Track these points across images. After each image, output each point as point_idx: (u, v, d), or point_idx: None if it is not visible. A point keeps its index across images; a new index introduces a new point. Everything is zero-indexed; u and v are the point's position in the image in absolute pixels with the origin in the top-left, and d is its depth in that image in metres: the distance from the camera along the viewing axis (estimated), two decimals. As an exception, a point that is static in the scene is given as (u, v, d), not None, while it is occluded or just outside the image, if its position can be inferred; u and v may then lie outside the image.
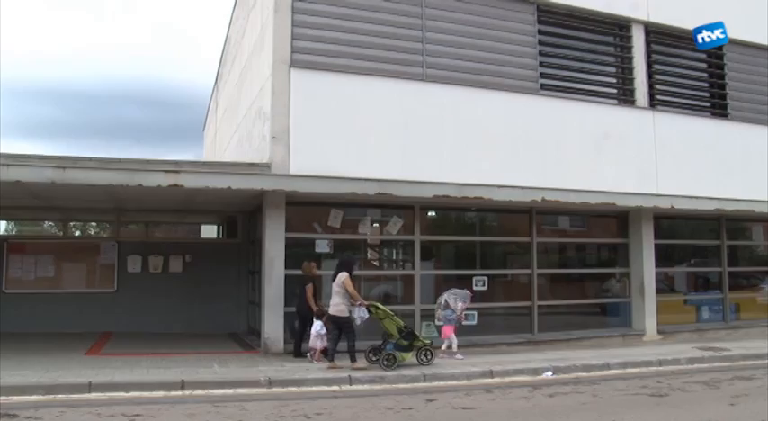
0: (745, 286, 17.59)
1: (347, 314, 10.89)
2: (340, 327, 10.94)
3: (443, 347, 12.06)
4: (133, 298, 15.24)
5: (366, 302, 11.16)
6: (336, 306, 10.85)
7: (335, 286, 10.97)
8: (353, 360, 10.69)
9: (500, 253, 15.03)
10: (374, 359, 10.88)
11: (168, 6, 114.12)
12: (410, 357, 11.02)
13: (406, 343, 10.98)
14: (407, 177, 12.30)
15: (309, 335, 11.30)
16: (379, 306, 11.21)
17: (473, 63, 13.41)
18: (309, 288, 11.76)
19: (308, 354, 11.35)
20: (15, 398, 8.25)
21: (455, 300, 12.08)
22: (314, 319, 11.37)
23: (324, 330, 11.20)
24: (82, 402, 8.24)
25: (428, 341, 11.47)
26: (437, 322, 12.55)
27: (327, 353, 10.91)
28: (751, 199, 15.35)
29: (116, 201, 13.81)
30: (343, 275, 10.94)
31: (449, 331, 12.21)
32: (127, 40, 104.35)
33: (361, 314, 11.03)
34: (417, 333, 11.70)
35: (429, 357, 11.18)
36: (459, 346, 12.25)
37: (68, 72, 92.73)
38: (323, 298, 13.29)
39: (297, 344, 11.76)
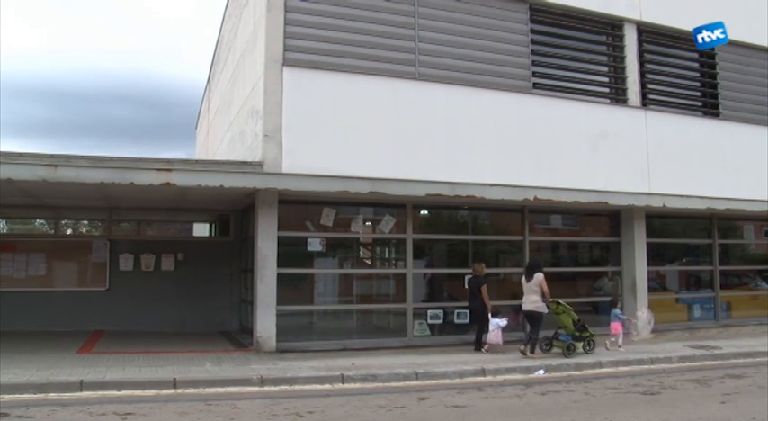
0: (736, 285, 17.68)
1: (544, 310, 12.29)
2: (531, 320, 12.40)
3: (611, 340, 13.30)
4: (125, 296, 15.18)
5: (551, 299, 12.33)
6: (534, 303, 12.29)
7: (532, 285, 12.30)
8: (533, 351, 12.09)
9: (492, 251, 15.03)
10: (546, 348, 12.42)
11: (161, 5, 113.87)
12: (580, 347, 12.43)
13: (578, 334, 12.46)
14: (400, 176, 12.30)
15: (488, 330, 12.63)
16: (561, 302, 12.56)
17: (466, 62, 13.42)
18: (484, 288, 12.82)
19: (483, 349, 12.60)
20: (6, 397, 8.22)
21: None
22: (490, 316, 12.58)
23: (504, 323, 12.51)
24: (73, 401, 8.23)
25: (593, 333, 12.76)
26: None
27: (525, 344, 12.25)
28: (742, 198, 15.42)
29: (108, 199, 13.77)
30: (540, 276, 12.30)
31: (617, 327, 13.33)
32: (120, 39, 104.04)
33: (543, 309, 12.39)
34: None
35: (592, 346, 12.65)
36: (453, 345, 12.91)
37: (61, 71, 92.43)
38: (316, 295, 13.35)
39: (478, 338, 12.89)
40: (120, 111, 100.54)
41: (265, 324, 11.76)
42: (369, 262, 14.65)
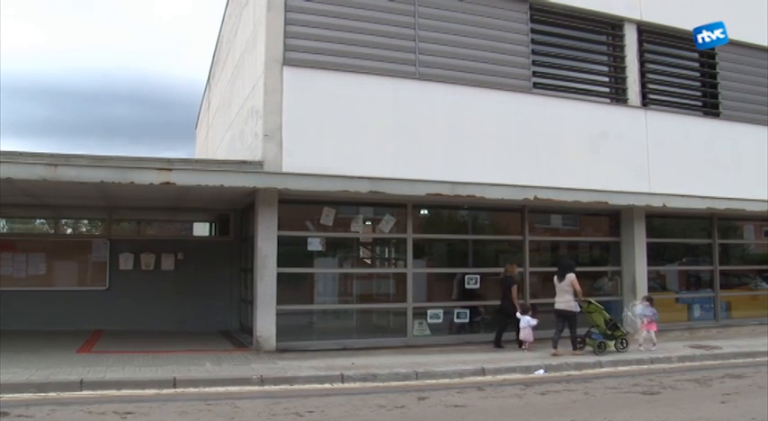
0: (736, 285, 17.68)
1: (576, 309, 12.57)
2: (566, 320, 12.59)
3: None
4: (125, 296, 15.17)
5: (583, 298, 12.70)
6: (566, 302, 12.55)
7: (564, 285, 12.58)
8: (575, 347, 12.51)
9: (492, 251, 15.04)
10: (579, 346, 12.63)
11: (161, 4, 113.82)
12: (612, 345, 12.71)
13: (610, 333, 12.76)
14: (400, 175, 12.31)
15: (519, 329, 12.98)
16: (592, 301, 12.99)
17: (466, 61, 13.43)
18: (515, 288, 13.24)
19: (523, 347, 12.91)
20: (6, 397, 8.21)
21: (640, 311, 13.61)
22: (520, 315, 12.90)
23: (534, 323, 12.78)
24: (73, 400, 8.23)
25: (625, 332, 13.11)
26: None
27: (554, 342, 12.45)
28: (742, 198, 15.42)
29: (108, 198, 13.77)
30: (572, 276, 12.56)
31: (651, 326, 13.40)
32: (120, 39, 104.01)
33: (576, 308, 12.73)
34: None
35: (625, 345, 12.93)
36: (453, 344, 13.00)
37: (60, 70, 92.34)
38: (316, 294, 13.35)
39: (498, 337, 13.20)
40: (120, 110, 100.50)
41: (265, 323, 11.77)
42: (369, 261, 14.66)
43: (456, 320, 13.61)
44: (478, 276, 13.77)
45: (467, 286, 13.73)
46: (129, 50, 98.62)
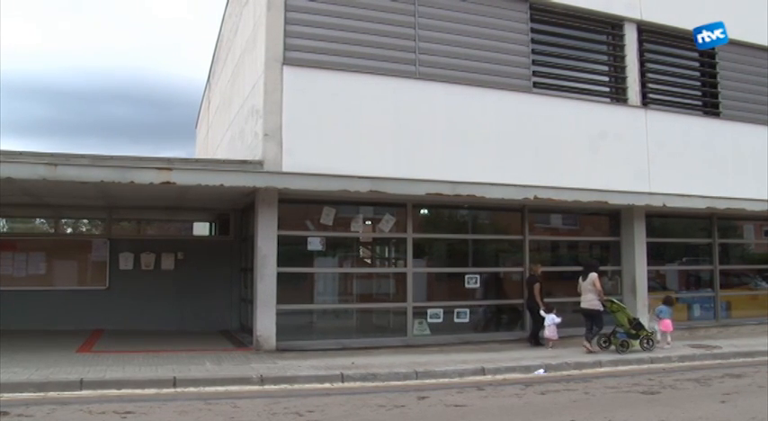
0: (736, 284, 17.67)
1: (600, 307, 12.75)
2: (591, 318, 12.82)
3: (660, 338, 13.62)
4: (125, 295, 15.15)
5: (605, 298, 12.87)
6: (590, 301, 12.83)
7: (587, 284, 12.90)
8: (589, 340, 12.60)
9: (492, 251, 15.05)
10: (604, 345, 12.84)
11: (161, 4, 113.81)
12: (636, 344, 12.82)
13: (634, 332, 12.87)
14: (400, 175, 12.31)
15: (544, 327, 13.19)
16: (614, 300, 13.20)
17: (466, 61, 13.44)
18: (537, 287, 13.37)
19: (547, 343, 13.10)
20: (6, 396, 8.21)
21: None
22: (544, 313, 13.13)
23: (559, 320, 13.06)
24: (73, 399, 8.23)
25: (651, 331, 13.24)
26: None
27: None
28: (742, 198, 15.43)
29: (108, 198, 13.76)
30: (594, 275, 12.90)
31: (668, 325, 13.60)
32: (119, 38, 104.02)
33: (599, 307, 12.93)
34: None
35: (651, 344, 12.98)
36: (452, 344, 12.99)
37: (60, 70, 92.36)
38: (316, 294, 13.35)
39: (534, 335, 13.44)
40: (119, 110, 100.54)
41: (265, 323, 11.77)
42: (369, 261, 14.66)
43: (456, 320, 13.60)
44: (478, 276, 13.77)
45: (467, 285, 13.74)
46: (129, 50, 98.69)
